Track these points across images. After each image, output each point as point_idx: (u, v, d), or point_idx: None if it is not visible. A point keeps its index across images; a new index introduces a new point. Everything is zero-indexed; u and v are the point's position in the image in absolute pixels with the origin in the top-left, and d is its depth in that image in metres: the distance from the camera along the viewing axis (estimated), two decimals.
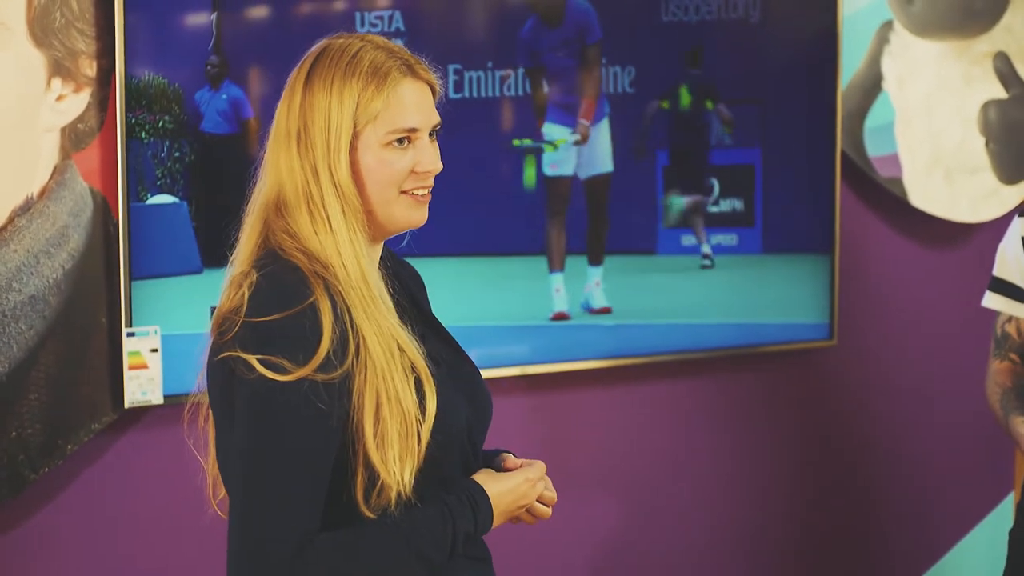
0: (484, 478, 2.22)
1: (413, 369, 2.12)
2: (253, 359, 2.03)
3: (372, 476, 2.08)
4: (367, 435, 2.07)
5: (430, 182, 2.19)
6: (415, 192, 2.17)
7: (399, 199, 2.16)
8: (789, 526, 4.38)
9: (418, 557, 2.10)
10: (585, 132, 3.87)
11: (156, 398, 3.31)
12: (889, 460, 4.54)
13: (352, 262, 2.11)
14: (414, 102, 2.16)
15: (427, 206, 2.20)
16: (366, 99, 2.13)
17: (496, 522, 2.21)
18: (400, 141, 2.15)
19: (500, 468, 2.28)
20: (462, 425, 2.19)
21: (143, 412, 3.36)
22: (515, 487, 2.24)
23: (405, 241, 2.30)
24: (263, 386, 2.03)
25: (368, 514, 2.08)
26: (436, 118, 2.20)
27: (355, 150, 2.14)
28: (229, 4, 3.41)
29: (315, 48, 2.18)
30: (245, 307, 2.06)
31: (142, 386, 3.29)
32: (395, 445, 2.08)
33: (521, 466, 2.28)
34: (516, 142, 3.79)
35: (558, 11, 3.83)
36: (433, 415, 2.11)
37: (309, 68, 2.15)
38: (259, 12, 3.49)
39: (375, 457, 2.07)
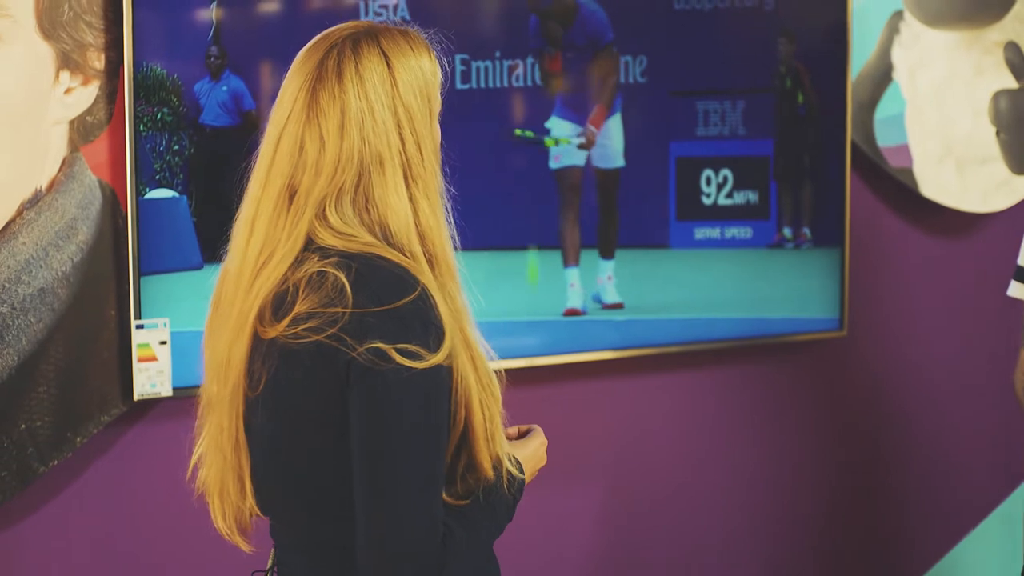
0: (510, 445, 2.24)
1: None
2: (390, 349, 1.97)
3: (468, 459, 2.09)
4: (475, 413, 2.07)
5: None
6: None
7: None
8: (800, 515, 4.37)
9: (497, 525, 2.15)
10: (592, 138, 3.85)
11: (165, 390, 3.31)
12: (900, 450, 4.53)
13: (446, 233, 2.12)
14: None
15: None
16: (435, 68, 2.14)
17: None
18: None
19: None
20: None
21: (152, 404, 3.37)
22: (535, 451, 2.29)
23: None
24: (401, 375, 1.98)
25: (448, 499, 2.08)
26: None
27: (436, 122, 2.15)
28: None
29: (353, 32, 2.13)
30: (351, 298, 2.00)
31: (151, 378, 3.29)
32: (498, 424, 2.10)
33: (522, 433, 2.32)
34: (518, 132, 3.77)
35: (568, 15, 3.81)
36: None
37: (381, 49, 2.10)
38: (260, 2, 3.46)
39: (482, 440, 2.08)
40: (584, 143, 3.83)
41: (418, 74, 2.11)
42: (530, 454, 2.27)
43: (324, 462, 2.07)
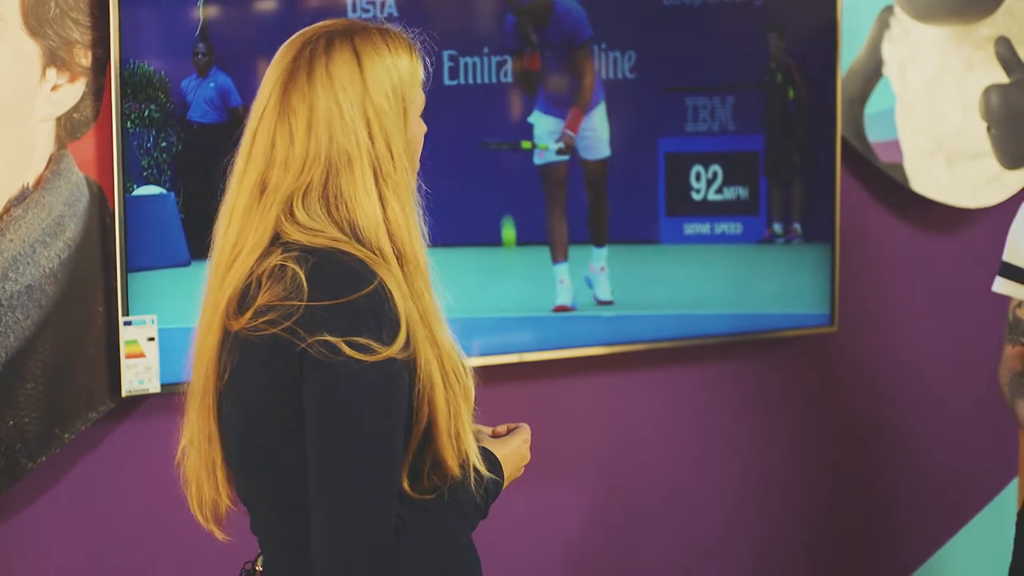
0: (489, 443, 2.24)
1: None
2: (339, 341, 1.98)
3: (433, 456, 2.09)
4: (439, 410, 2.07)
5: None
6: None
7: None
8: (790, 513, 4.37)
9: (466, 521, 2.14)
10: (570, 142, 3.84)
11: (153, 387, 3.31)
12: (891, 446, 4.54)
13: (416, 231, 2.12)
14: None
15: None
16: (414, 67, 2.15)
17: (504, 485, 2.24)
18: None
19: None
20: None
21: (140, 401, 3.37)
22: (517, 449, 2.28)
23: None
24: (351, 368, 1.99)
25: (412, 494, 2.08)
26: None
27: (411, 118, 2.16)
28: None
29: (329, 29, 2.15)
30: (307, 291, 2.01)
31: (139, 375, 3.29)
32: (464, 418, 2.09)
33: (511, 431, 2.31)
34: (492, 145, 3.76)
35: (544, 15, 3.80)
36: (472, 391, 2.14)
37: (353, 46, 2.12)
38: None
39: (445, 438, 2.07)
40: (563, 148, 3.83)
41: (392, 73, 2.12)
42: (511, 452, 2.26)
43: (285, 456, 2.08)
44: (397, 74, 2.13)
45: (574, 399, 3.99)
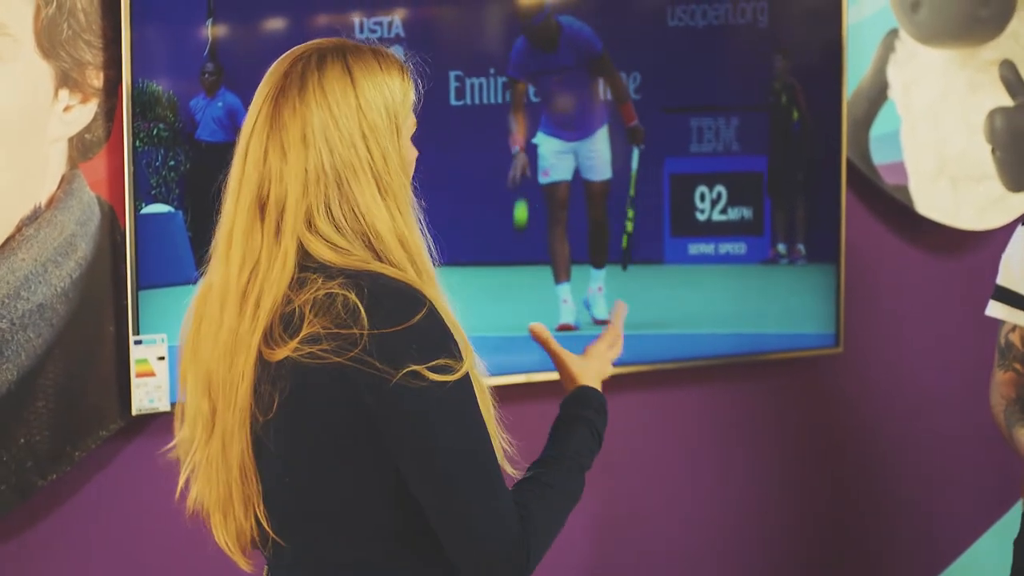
0: (578, 369, 2.46)
1: None
2: (422, 368, 1.98)
3: None
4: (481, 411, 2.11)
5: None
6: None
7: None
8: (795, 534, 4.38)
9: (582, 471, 2.27)
10: (638, 133, 3.92)
11: (163, 405, 3.33)
12: (895, 468, 4.54)
13: (423, 244, 2.12)
14: None
15: None
16: (406, 88, 2.14)
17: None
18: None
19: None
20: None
21: (150, 419, 3.38)
22: (600, 369, 2.51)
23: None
24: (440, 391, 2.00)
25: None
26: None
27: (404, 138, 2.15)
28: (225, 11, 3.40)
29: (320, 47, 2.14)
30: (366, 319, 1.99)
31: (149, 393, 3.31)
32: (492, 416, 2.13)
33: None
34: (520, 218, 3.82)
35: (552, 38, 3.82)
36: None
37: (345, 59, 2.11)
38: (255, 18, 3.48)
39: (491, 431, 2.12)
40: (637, 142, 3.90)
41: (384, 91, 2.10)
42: (596, 374, 2.47)
43: (343, 483, 2.07)
44: (389, 93, 2.11)
45: None
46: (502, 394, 2.36)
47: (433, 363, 1.99)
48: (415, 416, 2.01)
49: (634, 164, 3.94)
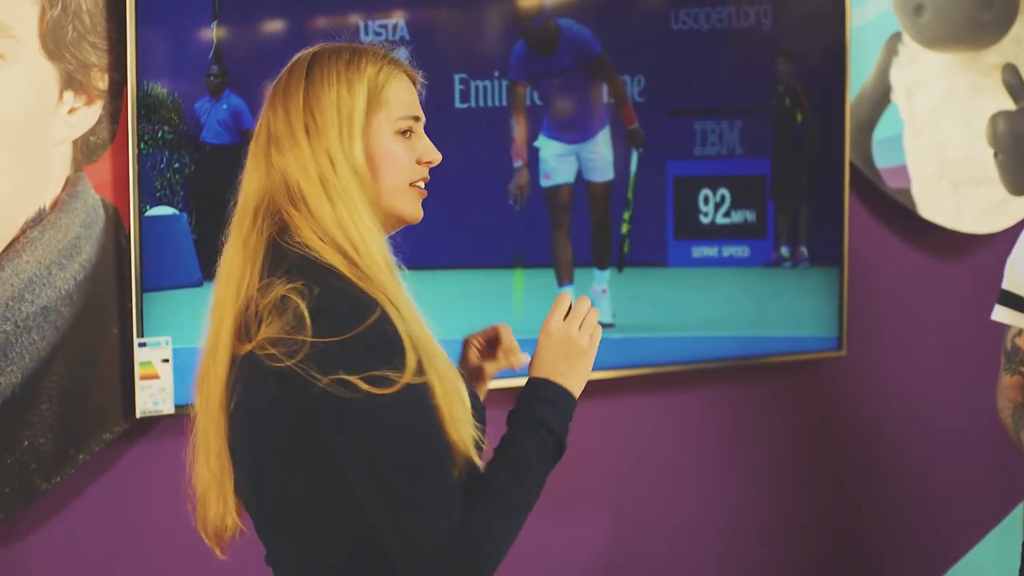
0: (537, 369, 2.22)
1: None
2: (355, 379, 1.99)
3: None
4: (444, 416, 2.07)
5: (428, 174, 2.23)
6: (418, 184, 2.21)
7: (407, 190, 2.19)
8: (797, 536, 4.38)
9: (539, 480, 2.15)
10: (638, 136, 3.92)
11: (167, 408, 3.33)
12: (898, 470, 4.54)
13: (377, 246, 2.12)
14: (412, 94, 2.22)
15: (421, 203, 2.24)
16: (376, 88, 2.16)
17: (578, 386, 2.22)
18: (404, 132, 2.19)
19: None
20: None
21: (154, 422, 3.38)
22: (557, 347, 2.22)
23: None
24: (374, 403, 2.00)
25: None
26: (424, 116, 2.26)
27: (366, 138, 2.16)
28: (230, 13, 3.40)
29: (302, 55, 2.21)
30: (310, 326, 2.02)
31: (153, 396, 3.31)
32: (461, 419, 2.09)
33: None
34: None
35: (551, 41, 3.82)
36: (465, 386, 2.14)
37: (307, 68, 2.17)
38: (260, 21, 3.48)
39: (454, 435, 2.07)
40: (636, 144, 3.89)
41: (338, 91, 2.15)
42: (551, 358, 2.22)
43: (300, 486, 2.10)
44: (348, 92, 2.15)
45: (582, 423, 3.98)
46: (505, 397, 2.36)
47: (369, 374, 1.99)
48: (350, 425, 2.02)
49: (633, 167, 3.94)
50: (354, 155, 2.14)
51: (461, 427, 2.08)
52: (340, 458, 2.05)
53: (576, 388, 2.22)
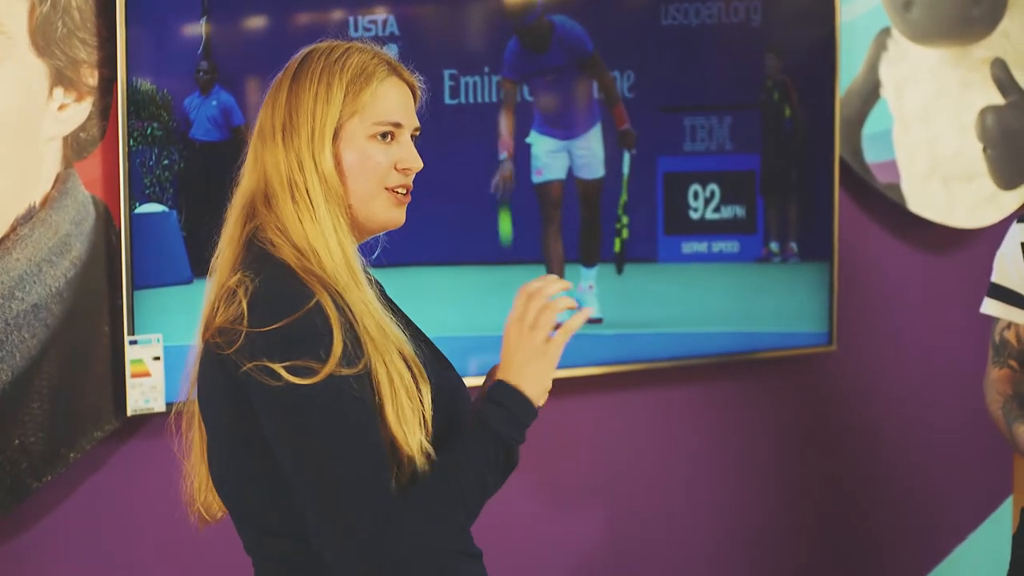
0: (497, 372, 2.22)
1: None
2: (278, 367, 2.03)
3: (395, 454, 2.10)
4: (388, 413, 2.09)
5: (410, 181, 2.23)
6: (397, 190, 2.21)
7: (382, 195, 2.21)
8: (788, 532, 4.39)
9: (479, 477, 2.11)
10: (630, 138, 3.90)
11: (158, 406, 3.32)
12: (888, 465, 4.55)
13: (336, 248, 2.15)
14: (398, 100, 2.23)
15: (405, 208, 2.24)
16: (354, 91, 2.19)
17: (540, 397, 2.18)
18: (384, 136, 2.20)
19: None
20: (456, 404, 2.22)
21: (145, 420, 3.37)
22: (513, 352, 2.20)
23: (375, 253, 2.31)
24: (294, 392, 2.04)
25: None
26: (416, 122, 2.26)
27: (339, 141, 2.18)
28: (219, 9, 3.39)
29: (301, 52, 2.24)
30: (247, 316, 2.07)
31: (144, 394, 3.30)
32: (410, 418, 2.10)
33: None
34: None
35: (544, 38, 3.82)
36: (428, 389, 2.14)
37: (296, 67, 2.21)
38: (250, 17, 3.47)
39: (399, 433, 2.09)
40: (628, 144, 3.88)
41: (306, 97, 2.18)
42: (513, 364, 2.19)
43: (243, 471, 2.16)
44: (325, 92, 2.18)
45: (571, 419, 4.00)
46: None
47: (292, 363, 2.03)
48: (274, 412, 2.06)
49: (625, 168, 3.94)
50: (323, 159, 2.17)
51: (407, 426, 2.10)
52: (271, 445, 2.10)
53: (530, 387, 2.18)
